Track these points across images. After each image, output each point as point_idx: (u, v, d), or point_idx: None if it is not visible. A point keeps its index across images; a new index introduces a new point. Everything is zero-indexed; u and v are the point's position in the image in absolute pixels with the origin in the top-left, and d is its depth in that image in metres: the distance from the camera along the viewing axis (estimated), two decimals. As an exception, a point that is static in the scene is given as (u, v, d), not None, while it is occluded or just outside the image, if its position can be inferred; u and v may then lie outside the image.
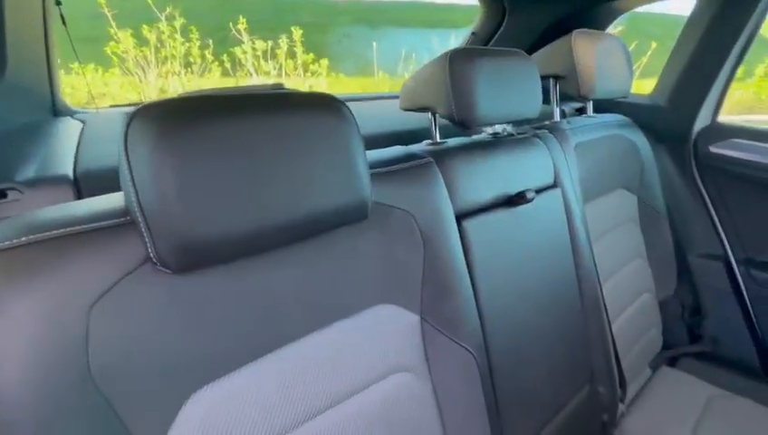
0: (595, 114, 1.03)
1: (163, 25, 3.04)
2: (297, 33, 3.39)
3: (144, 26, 3.07)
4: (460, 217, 0.61)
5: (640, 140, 1.04)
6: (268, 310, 0.43)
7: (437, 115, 0.67)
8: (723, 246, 1.08)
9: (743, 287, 1.06)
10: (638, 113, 1.09)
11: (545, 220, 0.74)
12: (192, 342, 0.38)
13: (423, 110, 0.67)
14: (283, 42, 3.41)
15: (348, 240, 0.49)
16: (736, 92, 4.40)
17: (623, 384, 0.88)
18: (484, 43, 1.26)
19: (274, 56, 3.45)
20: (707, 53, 0.99)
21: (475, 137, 0.77)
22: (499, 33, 1.23)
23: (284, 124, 0.39)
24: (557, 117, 0.93)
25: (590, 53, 0.84)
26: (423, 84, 0.65)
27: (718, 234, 1.09)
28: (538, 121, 0.93)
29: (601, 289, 0.86)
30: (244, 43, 3.23)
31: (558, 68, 0.87)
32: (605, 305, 0.86)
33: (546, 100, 0.97)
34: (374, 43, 3.54)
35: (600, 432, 0.83)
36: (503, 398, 0.64)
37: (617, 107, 1.11)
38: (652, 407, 0.94)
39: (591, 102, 1.02)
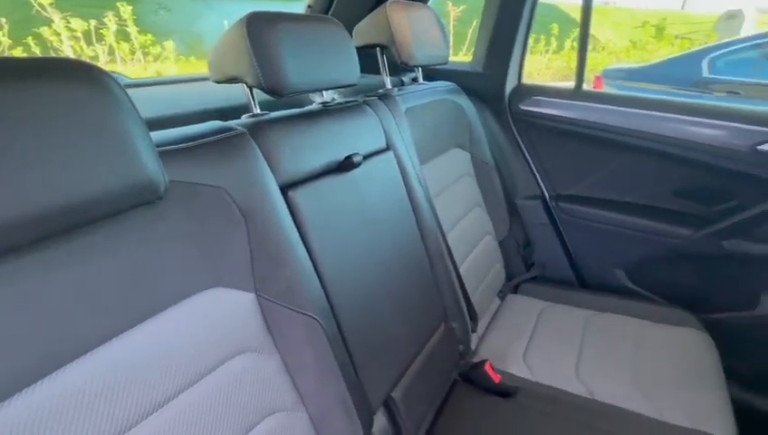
0: (425, 82, 1.12)
1: None
2: (126, 9, 2.91)
3: None
4: (286, 188, 0.60)
5: (466, 102, 1.17)
6: (50, 316, 0.37)
7: (253, 86, 0.64)
8: (539, 187, 1.31)
9: (556, 218, 1.30)
10: (462, 79, 1.22)
11: (380, 182, 0.78)
12: None
13: (234, 80, 0.63)
14: (110, 20, 2.89)
15: (146, 226, 0.44)
16: (555, 63, 5.34)
17: (474, 317, 1.01)
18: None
19: (101, 38, 2.91)
20: (504, 22, 1.15)
21: (307, 108, 0.77)
22: (334, 5, 1.23)
23: (15, 95, 0.32)
24: (388, 85, 0.99)
25: (404, 21, 0.90)
26: (226, 53, 0.61)
27: (535, 178, 1.31)
28: (372, 90, 0.97)
29: (445, 239, 0.96)
30: (54, 21, 2.65)
31: (380, 37, 0.92)
32: (450, 253, 0.96)
33: (379, 70, 1.02)
34: (225, 22, 3.24)
35: (457, 362, 0.95)
36: (358, 355, 0.67)
37: (444, 75, 1.23)
38: (499, 329, 1.11)
39: (421, 72, 1.11)
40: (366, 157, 0.75)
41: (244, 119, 0.65)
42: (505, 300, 1.24)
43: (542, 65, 5.03)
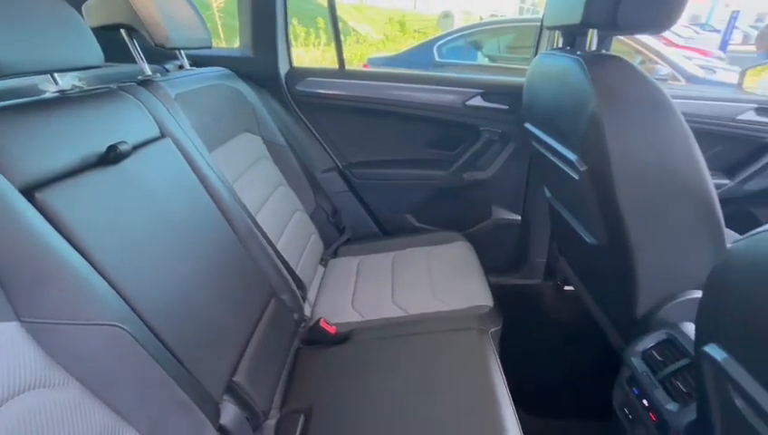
0: (194, 68, 1.07)
1: None
2: None
3: None
4: (31, 190, 0.50)
5: (244, 87, 1.18)
6: None
7: None
8: (332, 159, 1.46)
9: (353, 184, 1.48)
10: (236, 65, 1.22)
11: (162, 171, 0.73)
12: None
13: None
14: None
15: None
16: (329, 54, 5.83)
17: (301, 286, 1.07)
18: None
19: None
20: (261, 8, 1.20)
21: (38, 97, 0.63)
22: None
23: None
24: (147, 71, 0.90)
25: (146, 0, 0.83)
26: None
27: (327, 151, 1.45)
28: (130, 79, 0.87)
29: (255, 220, 0.97)
30: None
31: (120, 16, 0.82)
32: (263, 232, 0.98)
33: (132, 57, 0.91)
34: None
35: (296, 330, 1.00)
36: (185, 351, 0.63)
37: (214, 61, 1.19)
38: (328, 290, 1.21)
39: (184, 56, 1.05)
40: (137, 146, 0.68)
41: None
42: (329, 265, 1.36)
43: (319, 56, 5.38)
